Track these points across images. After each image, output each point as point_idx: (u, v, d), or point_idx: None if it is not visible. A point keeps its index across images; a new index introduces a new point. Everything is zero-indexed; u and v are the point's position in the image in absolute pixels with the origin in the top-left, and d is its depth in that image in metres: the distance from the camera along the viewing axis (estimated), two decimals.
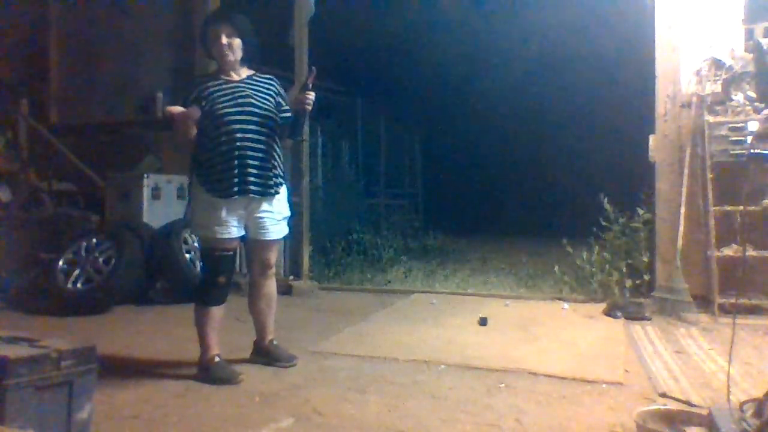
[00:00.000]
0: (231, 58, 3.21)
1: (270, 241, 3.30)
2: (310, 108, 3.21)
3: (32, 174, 6.43)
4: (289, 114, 3.27)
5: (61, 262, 5.02)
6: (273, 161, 3.23)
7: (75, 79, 7.20)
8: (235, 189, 3.12)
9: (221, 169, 3.11)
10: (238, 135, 3.12)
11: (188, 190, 3.34)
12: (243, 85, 3.22)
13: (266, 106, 3.21)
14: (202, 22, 3.46)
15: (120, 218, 5.66)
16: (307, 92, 3.17)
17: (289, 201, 3.46)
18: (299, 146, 5.94)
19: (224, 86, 3.19)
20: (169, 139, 5.98)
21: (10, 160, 6.39)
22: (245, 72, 3.28)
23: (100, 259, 4.98)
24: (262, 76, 3.32)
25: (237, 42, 3.20)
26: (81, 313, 4.69)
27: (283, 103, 3.29)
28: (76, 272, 4.97)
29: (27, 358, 2.00)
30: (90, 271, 4.96)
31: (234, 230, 3.17)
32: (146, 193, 5.68)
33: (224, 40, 3.17)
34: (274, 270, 3.41)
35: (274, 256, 3.38)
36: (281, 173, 3.31)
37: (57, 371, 2.06)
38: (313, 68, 3.20)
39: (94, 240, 5.10)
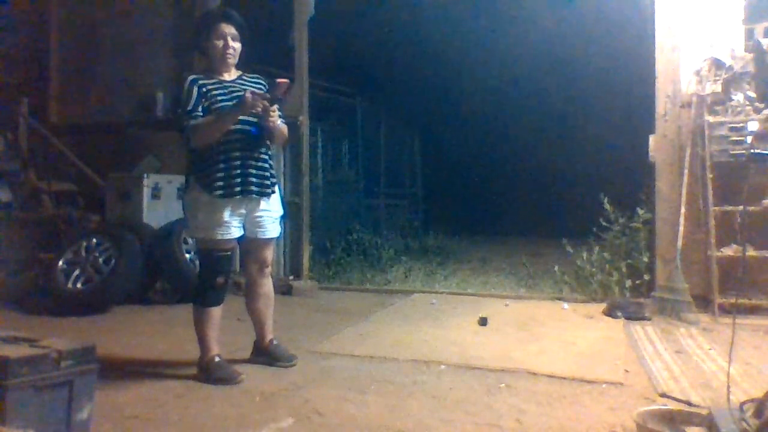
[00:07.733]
0: (232, 61, 3.22)
1: (268, 239, 3.31)
2: (271, 125, 3.10)
3: (32, 174, 6.42)
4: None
5: (61, 262, 5.01)
6: (269, 161, 3.26)
7: (75, 79, 7.19)
8: (238, 189, 3.12)
9: (223, 169, 3.11)
10: (238, 135, 3.12)
11: (183, 192, 3.28)
12: (237, 85, 3.22)
13: None
14: (203, 15, 3.41)
15: (120, 218, 5.66)
16: (270, 108, 3.06)
17: (285, 201, 3.46)
18: (299, 146, 5.94)
19: (220, 85, 3.18)
20: (169, 139, 6.00)
21: (10, 160, 6.38)
22: (235, 72, 3.28)
23: (100, 259, 4.98)
24: (251, 76, 3.32)
25: (239, 46, 3.22)
26: (81, 313, 4.68)
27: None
28: (76, 272, 4.96)
29: (27, 358, 2.01)
30: (90, 271, 4.95)
31: (234, 231, 3.18)
32: (146, 193, 5.67)
33: (231, 42, 3.17)
34: (270, 269, 3.42)
35: (271, 254, 3.41)
36: (275, 172, 3.34)
37: (57, 371, 2.06)
38: (278, 80, 3.03)
39: (94, 240, 5.09)
